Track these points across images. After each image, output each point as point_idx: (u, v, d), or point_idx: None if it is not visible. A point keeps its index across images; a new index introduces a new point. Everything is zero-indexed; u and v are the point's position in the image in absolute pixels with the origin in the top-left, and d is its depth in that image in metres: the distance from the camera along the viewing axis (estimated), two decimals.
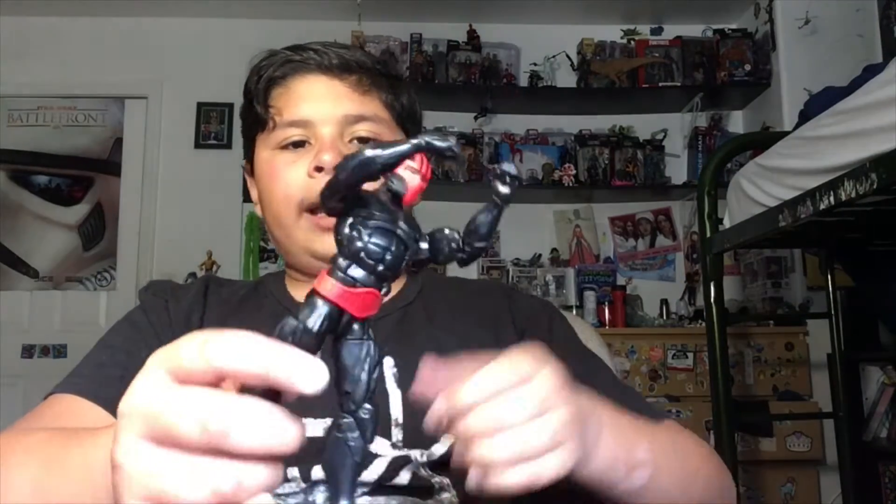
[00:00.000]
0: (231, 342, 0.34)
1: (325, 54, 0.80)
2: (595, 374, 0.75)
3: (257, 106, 0.82)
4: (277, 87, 0.81)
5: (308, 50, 0.81)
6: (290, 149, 0.79)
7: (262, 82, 0.82)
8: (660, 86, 3.53)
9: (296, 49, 0.82)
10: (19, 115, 3.64)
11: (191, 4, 3.55)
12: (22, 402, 3.29)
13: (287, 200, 0.78)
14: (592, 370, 0.77)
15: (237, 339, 0.35)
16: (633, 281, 3.60)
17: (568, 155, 3.57)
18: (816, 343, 3.01)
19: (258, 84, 0.82)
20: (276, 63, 0.82)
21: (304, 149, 0.79)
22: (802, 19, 3.20)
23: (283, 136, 0.79)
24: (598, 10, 3.59)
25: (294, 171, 0.78)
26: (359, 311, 0.39)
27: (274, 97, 0.81)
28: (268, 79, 0.82)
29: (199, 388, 0.34)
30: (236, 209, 3.53)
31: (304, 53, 0.81)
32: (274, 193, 0.79)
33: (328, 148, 0.76)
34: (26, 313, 3.50)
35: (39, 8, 3.51)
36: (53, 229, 3.59)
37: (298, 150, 0.79)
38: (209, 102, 3.60)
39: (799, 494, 2.90)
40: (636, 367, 3.02)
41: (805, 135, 1.77)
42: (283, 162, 0.79)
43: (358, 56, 0.82)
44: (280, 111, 0.80)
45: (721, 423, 2.22)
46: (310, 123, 0.78)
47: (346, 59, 0.80)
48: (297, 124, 0.79)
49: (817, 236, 2.19)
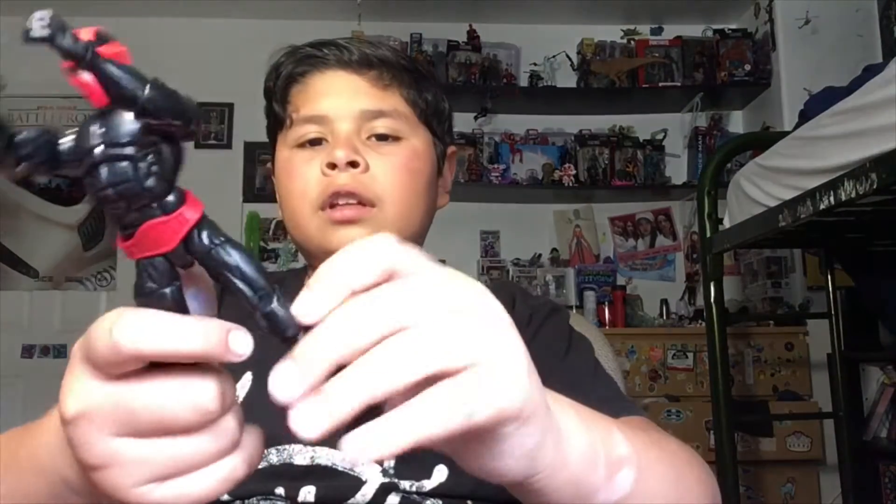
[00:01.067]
0: (134, 324, 0.32)
1: (346, 49, 0.79)
2: (573, 359, 0.74)
3: (275, 104, 0.81)
4: (296, 84, 0.80)
5: (329, 45, 0.80)
6: (308, 146, 0.78)
7: (280, 80, 0.81)
8: (660, 86, 3.53)
9: (317, 45, 0.80)
10: (19, 115, 3.64)
11: (191, 4, 3.55)
12: (22, 402, 3.30)
13: (302, 198, 0.76)
14: (573, 355, 0.75)
15: (139, 319, 0.32)
16: (633, 281, 3.60)
17: (568, 155, 3.57)
18: (816, 343, 3.01)
19: (277, 82, 0.81)
20: (294, 59, 0.81)
21: (322, 146, 0.77)
22: (802, 19, 3.20)
23: (300, 134, 0.78)
24: (598, 10, 3.59)
25: (310, 169, 0.76)
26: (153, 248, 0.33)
27: (293, 94, 0.80)
28: (287, 76, 0.81)
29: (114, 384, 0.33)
30: (236, 209, 3.53)
31: (325, 49, 0.79)
32: (290, 192, 0.78)
33: (342, 144, 0.75)
34: (26, 313, 3.50)
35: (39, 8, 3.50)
36: (53, 229, 3.59)
37: (315, 147, 0.78)
38: (209, 102, 3.60)
39: (799, 494, 2.90)
40: (636, 367, 3.02)
41: (805, 135, 1.77)
42: (299, 160, 0.78)
43: (381, 52, 0.80)
44: (297, 108, 0.79)
45: (721, 423, 2.22)
46: (326, 119, 0.77)
47: (367, 54, 0.79)
48: (313, 120, 0.78)
49: (817, 236, 2.19)
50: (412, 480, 0.66)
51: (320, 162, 0.76)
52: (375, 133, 0.78)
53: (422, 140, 0.80)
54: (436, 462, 0.66)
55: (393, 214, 0.76)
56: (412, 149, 0.79)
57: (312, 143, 0.78)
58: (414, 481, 0.66)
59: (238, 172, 3.56)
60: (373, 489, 0.65)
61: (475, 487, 0.66)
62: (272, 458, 0.66)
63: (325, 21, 3.45)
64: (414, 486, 0.66)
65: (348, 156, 0.74)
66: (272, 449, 0.66)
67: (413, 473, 0.66)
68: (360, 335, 0.31)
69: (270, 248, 3.54)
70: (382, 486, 0.65)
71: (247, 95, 3.59)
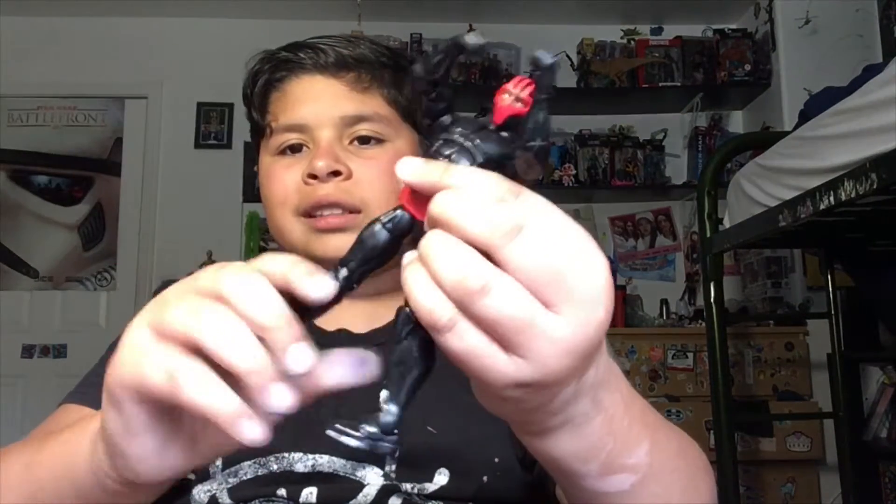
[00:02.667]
0: (219, 318, 0.35)
1: (321, 52, 0.77)
2: None
3: (254, 112, 0.81)
4: (274, 91, 0.80)
5: (305, 48, 0.78)
6: (288, 153, 0.77)
7: (258, 87, 0.80)
8: (660, 86, 3.53)
9: (292, 48, 0.79)
10: (19, 115, 3.64)
11: (191, 4, 3.55)
12: (22, 402, 3.30)
13: (283, 206, 0.76)
14: None
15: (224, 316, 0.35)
16: (633, 281, 3.60)
17: (568, 155, 3.57)
18: (816, 343, 3.00)
19: (255, 89, 0.81)
20: (271, 66, 0.80)
21: (302, 153, 0.77)
22: (802, 19, 3.20)
23: (280, 141, 0.77)
24: (598, 10, 3.59)
25: (289, 176, 0.76)
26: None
27: (271, 102, 0.80)
28: (264, 83, 0.80)
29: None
30: (236, 209, 3.53)
31: (301, 52, 0.78)
32: (270, 199, 0.78)
33: (323, 154, 0.74)
34: (26, 313, 3.50)
35: (39, 8, 3.51)
36: (53, 229, 3.59)
37: (296, 154, 0.77)
38: (209, 102, 3.60)
39: (799, 494, 2.90)
40: (636, 367, 3.02)
41: (805, 135, 1.78)
42: (279, 167, 0.77)
43: (359, 51, 0.78)
44: (276, 116, 0.78)
45: (721, 423, 2.22)
46: (306, 128, 0.76)
47: (344, 55, 0.77)
48: (293, 129, 0.77)
49: (817, 236, 2.19)
50: (414, 483, 0.65)
51: (301, 170, 0.75)
52: (358, 136, 0.77)
53: (406, 141, 0.79)
54: (437, 466, 0.66)
55: None
56: (396, 151, 0.77)
57: (293, 149, 0.77)
58: (416, 483, 0.65)
59: (238, 172, 3.56)
60: (374, 490, 0.65)
61: (477, 491, 0.66)
62: (272, 466, 0.66)
63: (325, 21, 3.45)
64: (416, 488, 0.65)
65: (329, 166, 0.73)
66: (271, 457, 0.66)
67: (414, 478, 0.65)
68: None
69: (270, 247, 3.53)
70: (384, 487, 0.65)
71: None
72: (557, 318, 0.32)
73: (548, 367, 0.32)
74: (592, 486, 0.42)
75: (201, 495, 0.66)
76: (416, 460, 0.65)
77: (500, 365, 0.32)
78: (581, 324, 0.32)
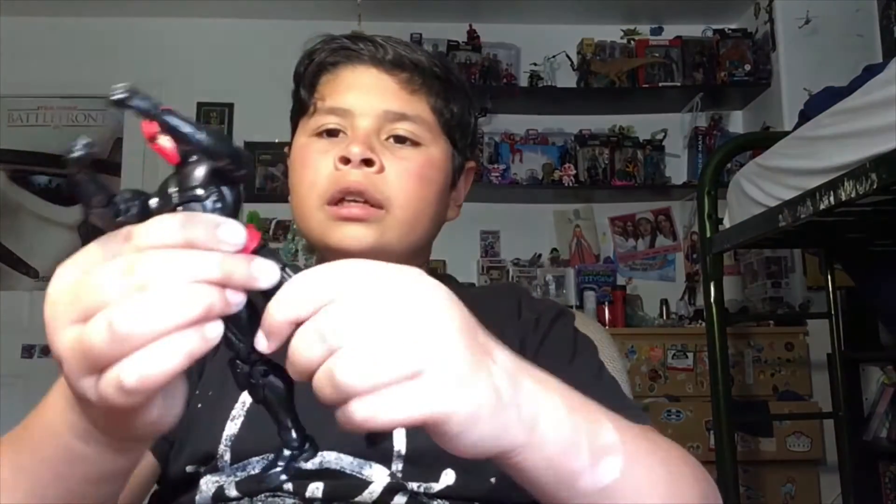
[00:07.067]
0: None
1: (381, 47, 0.78)
2: (578, 365, 0.73)
3: (302, 90, 0.81)
4: (326, 73, 0.80)
5: (366, 41, 0.79)
6: (325, 136, 0.77)
7: (311, 67, 0.81)
8: (660, 86, 3.53)
9: (353, 38, 0.80)
10: (19, 115, 3.64)
11: (191, 4, 3.55)
12: (22, 402, 3.29)
13: (311, 189, 0.76)
14: (578, 360, 0.74)
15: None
16: (633, 281, 3.60)
17: (568, 155, 3.57)
18: (816, 343, 3.01)
19: (308, 67, 0.81)
20: (329, 49, 0.80)
21: (338, 138, 0.77)
22: (802, 19, 3.20)
23: (320, 123, 0.78)
24: (598, 10, 3.59)
25: (323, 162, 0.75)
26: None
27: (321, 83, 0.80)
28: (318, 64, 0.80)
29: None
30: None
31: (361, 44, 0.79)
32: (301, 180, 0.77)
33: (360, 141, 0.74)
34: (26, 313, 3.49)
35: (39, 8, 3.51)
36: (53, 229, 3.59)
37: (332, 139, 0.77)
38: (209, 102, 3.60)
39: (799, 494, 2.90)
40: (636, 367, 3.02)
41: (805, 135, 1.77)
42: (315, 150, 0.77)
43: (416, 55, 0.79)
44: (323, 97, 0.78)
45: (721, 423, 2.22)
46: (349, 113, 0.77)
47: (402, 55, 0.78)
48: (336, 112, 0.77)
49: (817, 236, 2.19)
50: (420, 482, 0.66)
51: (334, 155, 0.75)
52: (395, 135, 0.77)
53: (440, 150, 0.80)
54: (443, 467, 0.66)
55: (399, 219, 0.75)
56: (429, 157, 0.78)
57: (330, 133, 0.77)
58: (422, 482, 0.66)
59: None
60: (380, 488, 0.65)
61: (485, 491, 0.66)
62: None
63: (325, 21, 3.44)
64: (422, 486, 0.66)
65: (363, 153, 0.73)
66: None
67: (420, 477, 0.66)
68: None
69: (270, 247, 3.53)
70: (389, 485, 0.65)
71: (247, 95, 3.61)
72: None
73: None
74: (588, 483, 0.43)
75: (209, 485, 0.67)
76: (422, 460, 0.66)
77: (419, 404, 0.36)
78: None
